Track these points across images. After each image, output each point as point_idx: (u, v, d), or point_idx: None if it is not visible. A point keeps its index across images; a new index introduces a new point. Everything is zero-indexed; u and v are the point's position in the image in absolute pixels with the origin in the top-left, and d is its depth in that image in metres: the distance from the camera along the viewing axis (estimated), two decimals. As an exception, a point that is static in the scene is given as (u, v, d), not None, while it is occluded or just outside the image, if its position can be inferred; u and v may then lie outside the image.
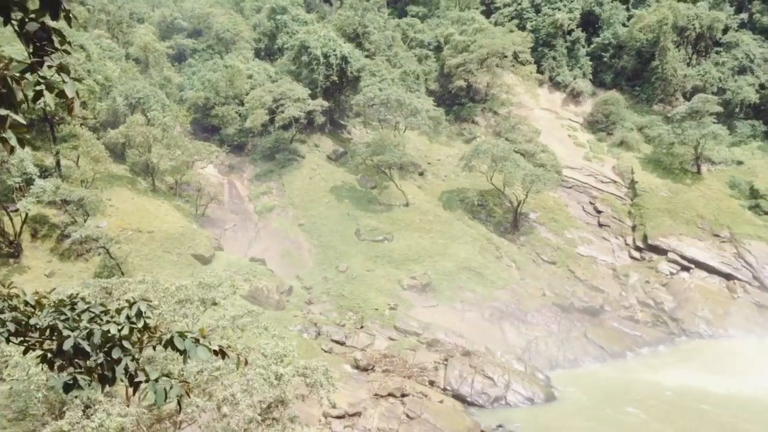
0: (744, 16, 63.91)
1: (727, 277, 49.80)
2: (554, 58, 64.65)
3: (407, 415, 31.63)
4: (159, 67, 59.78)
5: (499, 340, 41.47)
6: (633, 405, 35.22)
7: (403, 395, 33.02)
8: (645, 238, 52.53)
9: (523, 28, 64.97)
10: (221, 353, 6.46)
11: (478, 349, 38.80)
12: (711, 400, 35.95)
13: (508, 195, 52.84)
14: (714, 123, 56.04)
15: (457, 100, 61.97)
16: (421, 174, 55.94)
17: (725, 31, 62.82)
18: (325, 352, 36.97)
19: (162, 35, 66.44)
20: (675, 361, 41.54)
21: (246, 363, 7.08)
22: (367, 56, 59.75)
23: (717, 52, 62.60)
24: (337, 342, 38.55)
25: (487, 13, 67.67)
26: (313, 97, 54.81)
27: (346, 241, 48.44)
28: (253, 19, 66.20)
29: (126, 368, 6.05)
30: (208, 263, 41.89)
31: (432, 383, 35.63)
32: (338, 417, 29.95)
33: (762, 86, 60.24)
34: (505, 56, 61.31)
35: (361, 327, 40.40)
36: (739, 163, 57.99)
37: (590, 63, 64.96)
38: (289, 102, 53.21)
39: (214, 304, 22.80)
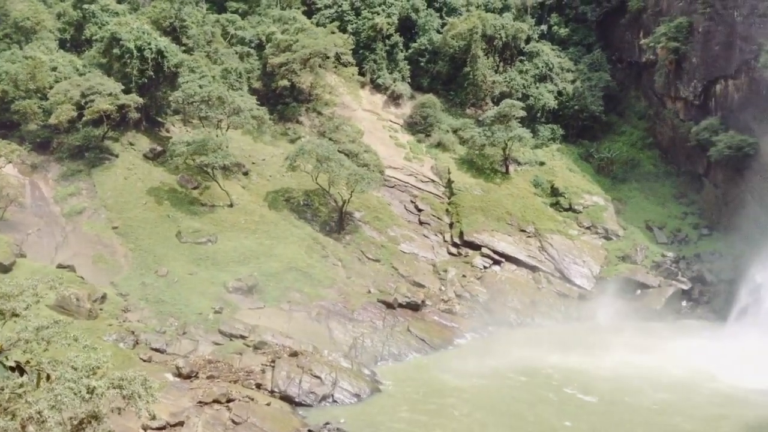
0: (544, 27, 69.67)
1: (533, 269, 53.93)
2: (375, 61, 66.31)
3: (233, 421, 30.90)
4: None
5: (326, 338, 41.80)
6: (454, 393, 37.07)
7: (229, 401, 32.21)
8: (461, 234, 55.45)
9: (344, 30, 65.90)
10: (19, 369, 5.77)
11: (306, 349, 38.85)
12: (523, 380, 38.84)
13: (333, 194, 53.38)
14: (519, 126, 60.46)
15: (281, 100, 61.48)
16: (245, 174, 54.86)
17: (528, 41, 68.05)
18: (144, 361, 35.14)
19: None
20: (490, 349, 44.29)
21: (48, 378, 6.39)
22: (185, 51, 57.39)
23: (521, 61, 67.61)
24: (157, 350, 36.79)
25: (309, 14, 67.82)
26: (127, 92, 51.72)
27: (166, 244, 46.24)
28: (57, 8, 61.04)
29: None
30: (8, 271, 38.14)
31: (259, 386, 35.10)
32: (159, 429, 28.51)
33: (560, 93, 65.98)
34: (328, 57, 61.82)
35: (184, 333, 38.86)
36: (542, 163, 63.04)
37: (408, 67, 67.38)
38: (99, 97, 49.75)
39: (15, 315, 20.74)
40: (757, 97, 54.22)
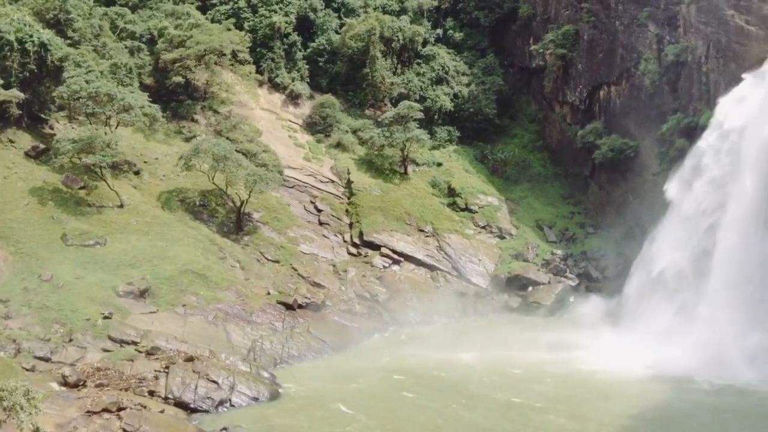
0: (440, 31, 71.12)
1: (431, 268, 54.96)
2: (273, 60, 65.46)
3: (124, 430, 29.73)
4: None
5: (224, 342, 40.90)
6: (353, 394, 37.16)
7: (120, 409, 30.90)
8: (361, 234, 55.70)
9: (240, 28, 64.62)
10: None
11: (202, 353, 37.90)
12: (422, 378, 39.42)
13: (230, 195, 52.27)
14: (417, 128, 61.43)
15: (174, 97, 59.50)
16: (136, 173, 52.78)
17: (425, 44, 69.24)
18: (27, 370, 33.23)
19: None
20: (389, 349, 44.76)
21: None
22: (70, 45, 54.41)
23: (418, 63, 68.74)
24: (41, 359, 34.85)
25: (203, 9, 65.99)
26: (7, 87, 48.63)
27: (50, 247, 43.73)
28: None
29: None
30: None
31: (152, 393, 33.88)
32: (44, 442, 26.87)
33: (456, 96, 67.54)
34: (224, 54, 60.47)
35: (70, 340, 36.97)
36: (439, 164, 64.35)
37: (307, 67, 66.93)
38: (-25, 91, 46.49)
39: None
40: (637, 102, 57.63)
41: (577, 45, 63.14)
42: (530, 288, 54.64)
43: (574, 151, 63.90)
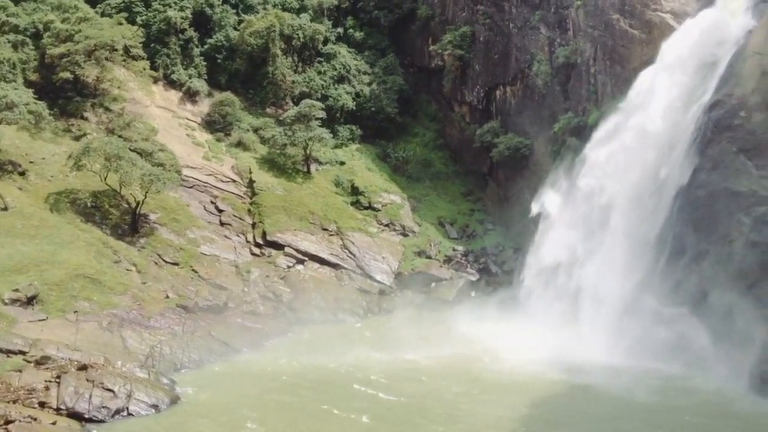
0: (340, 30, 71.15)
1: (336, 267, 54.94)
2: (168, 56, 63.42)
3: (13, 445, 27.93)
4: None
5: (120, 349, 39.22)
6: (256, 397, 36.52)
7: (8, 422, 29.01)
8: (264, 234, 54.96)
9: (133, 22, 62.14)
10: None
11: (97, 361, 36.12)
12: (326, 379, 39.27)
13: (125, 196, 50.27)
14: (320, 127, 61.29)
15: (62, 94, 56.49)
16: (22, 174, 49.80)
17: (326, 42, 69.11)
18: None
19: None
20: (296, 348, 44.33)
21: None
22: (-55, 37, 50.95)
23: (319, 62, 68.52)
24: None
25: (93, 3, 63.03)
26: None
27: (-76, 254, 40.57)
28: None
29: None
30: None
31: (43, 405, 32.01)
32: None
33: (357, 94, 67.84)
34: (116, 50, 57.95)
35: (-51, 353, 34.35)
36: (342, 163, 64.44)
37: (205, 63, 65.31)
38: None
39: None
40: (531, 102, 59.85)
41: (473, 46, 64.85)
42: (433, 284, 55.62)
43: (473, 149, 65.58)
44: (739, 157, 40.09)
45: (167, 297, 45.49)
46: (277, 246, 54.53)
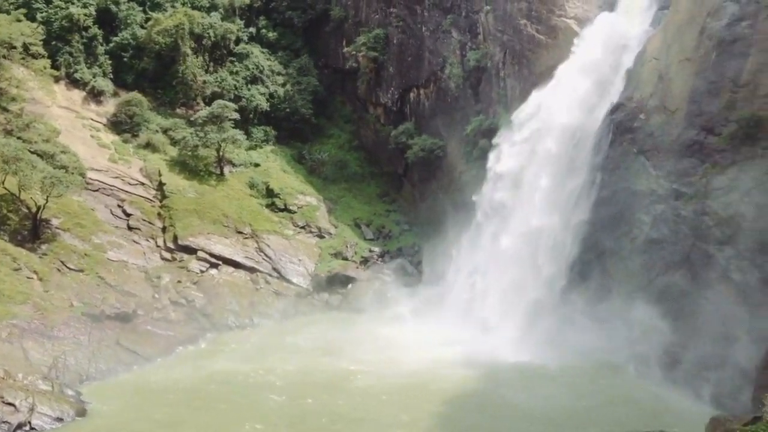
0: (253, 30, 70.06)
1: (251, 270, 54.08)
2: (71, 54, 60.72)
3: None
4: None
5: (21, 361, 37.33)
6: (166, 407, 35.51)
7: None
8: (175, 238, 53.47)
9: (33, 19, 59.16)
10: None
11: (-5, 374, 34.27)
12: (243, 384, 38.58)
13: (25, 200, 47.76)
14: (233, 128, 60.15)
15: (-46, 93, 53.27)
16: None
17: (238, 42, 67.91)
18: None
19: None
20: (209, 355, 43.37)
21: None
22: None
23: (232, 62, 67.24)
24: None
25: (-11, -2, 59.76)
26: None
27: None
28: None
29: None
30: None
31: (-66, 424, 30.09)
32: None
33: (271, 95, 67.02)
34: (14, 47, 55.04)
35: None
36: (257, 165, 63.46)
37: (110, 62, 62.87)
38: None
39: None
40: (444, 104, 60.79)
41: (387, 48, 65.30)
42: (350, 285, 55.58)
43: (388, 150, 66.01)
44: (639, 158, 42.08)
45: (72, 305, 43.57)
46: (190, 250, 53.18)
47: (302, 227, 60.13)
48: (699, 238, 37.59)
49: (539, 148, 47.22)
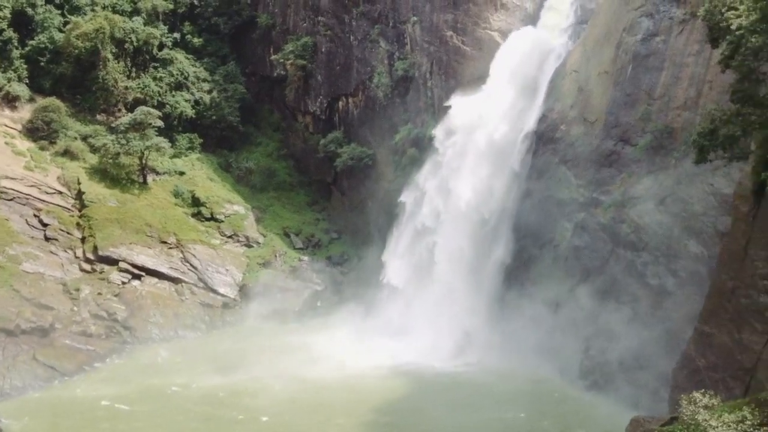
0: (177, 35, 68.49)
1: (176, 281, 52.78)
2: (-17, 58, 57.96)
3: None
4: None
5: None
6: (82, 425, 34.27)
7: None
8: (95, 249, 51.63)
9: (-59, 20, 56.34)
10: None
11: None
12: (163, 399, 37.52)
13: (-70, 210, 45.18)
14: (157, 135, 58.58)
15: None
16: None
17: (161, 47, 66.23)
18: None
19: None
20: (130, 369, 42.01)
21: None
22: None
23: (155, 68, 65.48)
24: None
25: None
26: None
27: None
28: None
29: None
30: None
31: None
32: None
33: (197, 102, 65.68)
34: None
35: None
36: (182, 173, 62.00)
37: (26, 66, 60.21)
38: None
39: None
40: (372, 113, 61.10)
41: (316, 57, 65.13)
42: (279, 295, 54.97)
43: (317, 159, 65.77)
44: (560, 167, 43.46)
45: (-17, 321, 41.45)
46: (111, 261, 51.45)
47: (230, 236, 59.12)
48: (618, 244, 39.06)
49: (465, 160, 48.04)
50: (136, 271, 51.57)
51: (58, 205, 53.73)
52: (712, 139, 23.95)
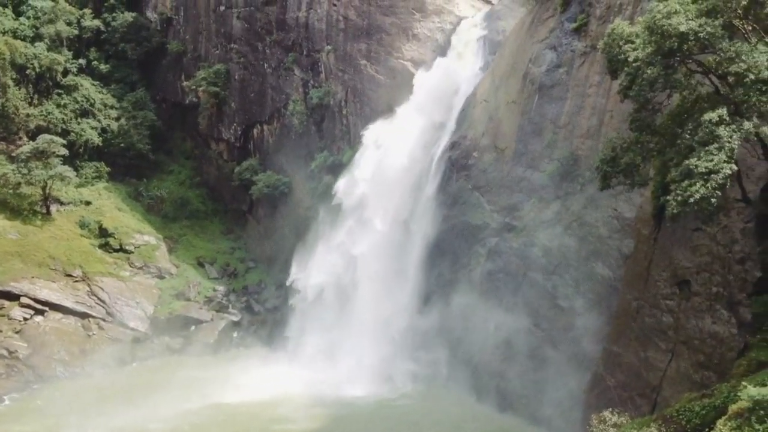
0: (83, 61, 66.21)
1: (83, 315, 50.61)
2: None
3: None
4: None
5: None
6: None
7: None
8: (-6, 284, 48.85)
9: None
10: None
11: None
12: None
13: None
14: (61, 164, 56.19)
15: None
16: None
17: (66, 73, 63.83)
18: None
19: None
20: (29, 411, 39.67)
21: None
22: None
23: (59, 94, 62.96)
24: None
25: None
26: None
27: None
28: None
29: None
30: None
31: None
32: None
33: (104, 130, 63.51)
34: None
35: None
36: (88, 203, 59.63)
37: None
38: None
39: None
40: (288, 141, 60.77)
41: (229, 84, 64.38)
42: (193, 327, 53.47)
43: (232, 187, 64.71)
44: (474, 193, 44.43)
45: None
46: (11, 296, 48.77)
47: (140, 268, 57.16)
48: (530, 268, 40.10)
49: (380, 187, 48.36)
50: (39, 306, 49.12)
51: (-48, 239, 50.64)
52: (614, 166, 24.97)
